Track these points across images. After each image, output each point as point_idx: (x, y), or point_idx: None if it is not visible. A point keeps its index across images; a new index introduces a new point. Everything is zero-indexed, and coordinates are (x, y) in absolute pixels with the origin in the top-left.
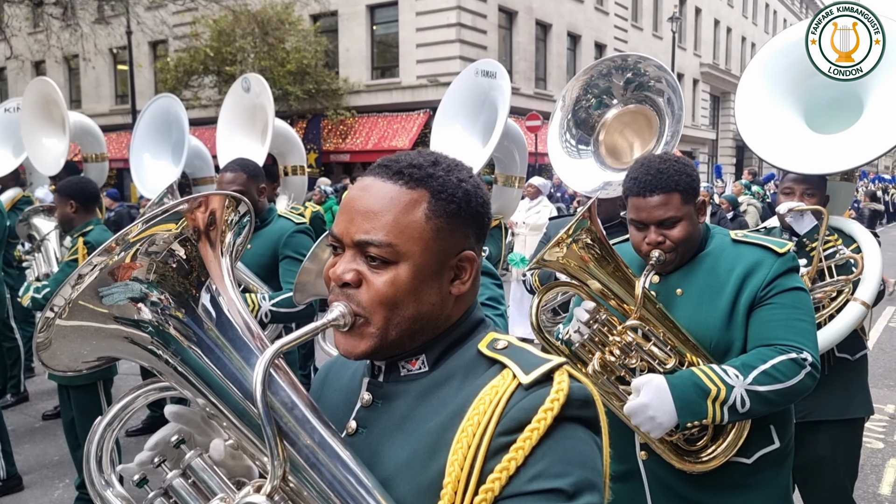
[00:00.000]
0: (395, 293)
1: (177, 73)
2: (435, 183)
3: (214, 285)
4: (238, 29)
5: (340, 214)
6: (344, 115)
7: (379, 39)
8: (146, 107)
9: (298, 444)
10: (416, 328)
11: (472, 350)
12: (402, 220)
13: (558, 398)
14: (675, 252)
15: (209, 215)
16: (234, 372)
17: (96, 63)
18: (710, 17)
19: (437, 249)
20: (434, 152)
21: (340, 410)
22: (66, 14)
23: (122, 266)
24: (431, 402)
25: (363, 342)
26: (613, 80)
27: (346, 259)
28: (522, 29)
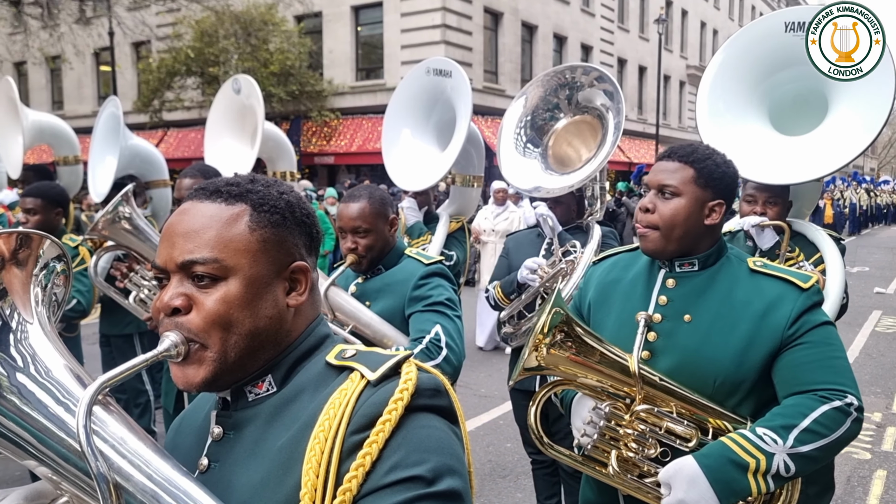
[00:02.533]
0: (228, 310)
1: (159, 74)
2: (255, 196)
3: (21, 324)
4: (221, 30)
5: (162, 244)
6: (328, 117)
7: (363, 41)
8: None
9: (133, 483)
10: (256, 345)
11: (321, 363)
12: (224, 234)
13: (407, 388)
14: (656, 232)
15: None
16: (53, 417)
17: (78, 64)
18: (697, 19)
19: (267, 260)
20: (253, 174)
21: (193, 451)
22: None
23: None
24: (282, 420)
25: (201, 369)
26: (559, 97)
27: (173, 285)
28: (508, 30)
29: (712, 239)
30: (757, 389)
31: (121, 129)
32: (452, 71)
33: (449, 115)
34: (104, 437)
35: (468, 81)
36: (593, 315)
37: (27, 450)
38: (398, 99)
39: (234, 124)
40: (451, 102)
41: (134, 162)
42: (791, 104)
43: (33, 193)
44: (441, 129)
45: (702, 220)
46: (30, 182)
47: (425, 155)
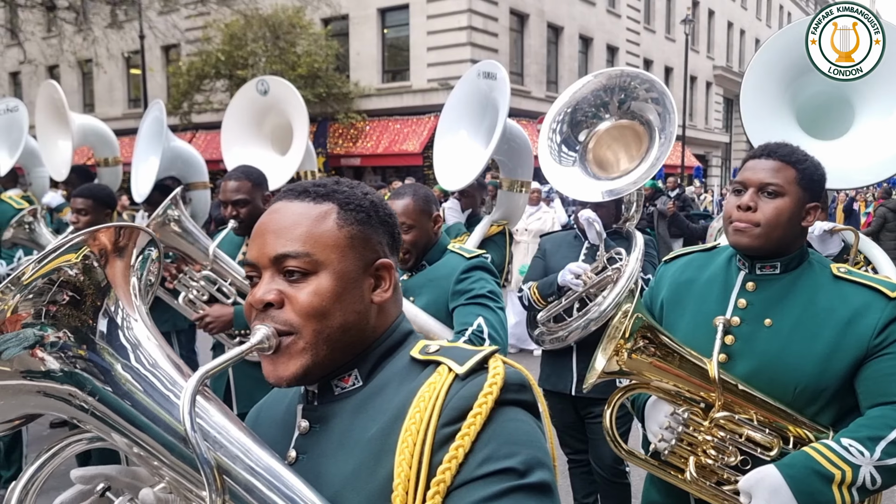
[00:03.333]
0: (321, 302)
1: (189, 77)
2: (341, 196)
3: (125, 318)
4: (249, 33)
5: (252, 242)
6: (354, 119)
7: (390, 43)
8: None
9: (234, 472)
10: (346, 339)
11: (405, 358)
12: (314, 229)
13: (496, 382)
14: (757, 229)
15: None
16: (157, 407)
17: (109, 67)
18: (724, 19)
19: (354, 256)
20: (336, 177)
21: (279, 445)
22: (79, 19)
23: (11, 316)
24: (369, 412)
25: (293, 363)
26: (612, 98)
27: (265, 281)
28: (534, 32)
29: (801, 242)
30: (838, 398)
31: (164, 132)
32: (497, 73)
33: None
34: (207, 425)
35: (508, 82)
36: (666, 315)
37: (133, 438)
38: (452, 103)
39: (251, 126)
40: (495, 103)
41: (175, 164)
42: (817, 108)
43: (84, 194)
44: (491, 131)
45: (799, 221)
46: (73, 183)
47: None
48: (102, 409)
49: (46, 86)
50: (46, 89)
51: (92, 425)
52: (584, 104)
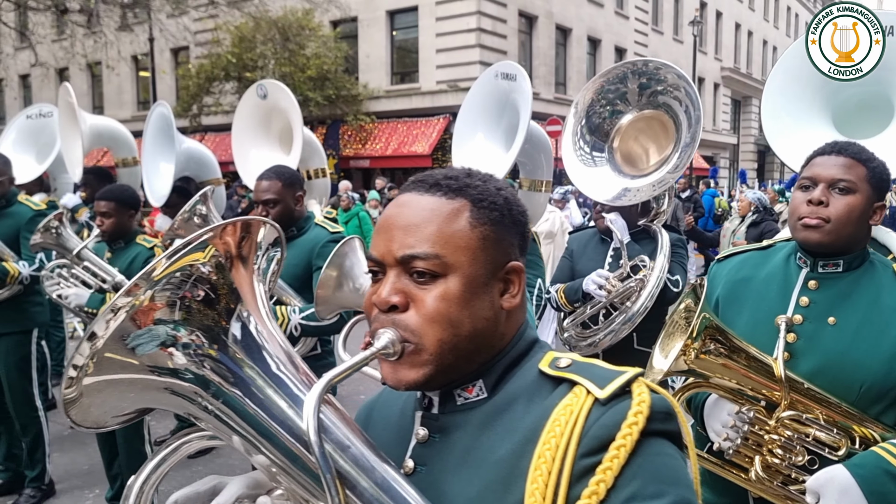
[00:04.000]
0: (448, 308)
1: (198, 79)
2: (474, 192)
3: (250, 316)
4: (259, 35)
5: (377, 235)
6: (364, 121)
7: (399, 45)
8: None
9: (359, 488)
10: (473, 348)
11: (533, 371)
12: (446, 229)
13: (641, 411)
14: (827, 225)
15: (237, 241)
16: (280, 412)
17: (118, 70)
18: (731, 20)
19: (486, 259)
20: (466, 167)
21: (393, 449)
22: (91, 21)
23: (146, 306)
24: (496, 429)
25: (415, 370)
26: (629, 85)
27: (390, 281)
28: (542, 33)
29: (866, 241)
30: None
31: (175, 135)
32: (517, 74)
33: (516, 118)
34: (330, 434)
35: (529, 84)
36: (722, 313)
37: (254, 442)
38: (469, 104)
39: (259, 130)
40: (515, 105)
41: (189, 165)
42: (855, 108)
43: (107, 196)
44: (509, 132)
45: (867, 219)
46: (91, 185)
47: (492, 158)
48: (226, 412)
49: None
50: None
51: (212, 425)
52: (595, 105)
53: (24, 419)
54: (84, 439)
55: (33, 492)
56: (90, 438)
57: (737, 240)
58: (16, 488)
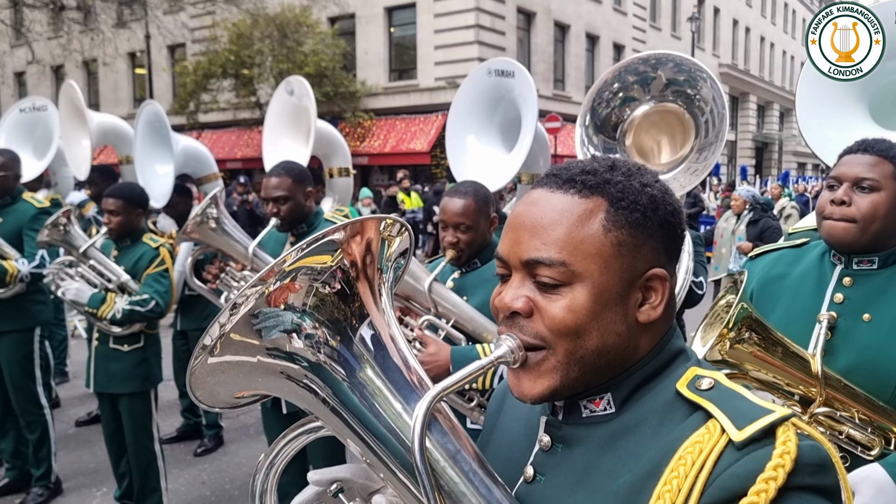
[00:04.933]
0: (575, 320)
1: (196, 76)
2: (613, 189)
3: (374, 318)
4: (256, 32)
5: (506, 234)
6: (362, 118)
7: (397, 42)
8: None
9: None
10: (602, 363)
11: (670, 390)
12: (575, 233)
13: (783, 463)
14: (852, 224)
15: (366, 245)
16: (394, 416)
17: (115, 67)
18: (729, 16)
19: (621, 267)
20: (611, 157)
21: (518, 448)
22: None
23: (276, 295)
24: (619, 451)
25: (541, 381)
26: (659, 73)
27: (514, 284)
28: (541, 30)
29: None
30: None
31: (171, 135)
32: (515, 71)
33: (512, 114)
34: (440, 446)
35: (532, 81)
36: (755, 309)
37: (365, 444)
38: (461, 101)
39: (290, 125)
40: (514, 102)
41: (188, 163)
42: (893, 97)
43: (114, 195)
44: (505, 129)
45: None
46: (96, 182)
47: (492, 157)
48: (341, 409)
49: (66, 86)
50: (66, 90)
51: (329, 421)
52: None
53: (28, 417)
54: (89, 437)
55: (41, 490)
56: (96, 437)
57: (739, 241)
58: (23, 487)
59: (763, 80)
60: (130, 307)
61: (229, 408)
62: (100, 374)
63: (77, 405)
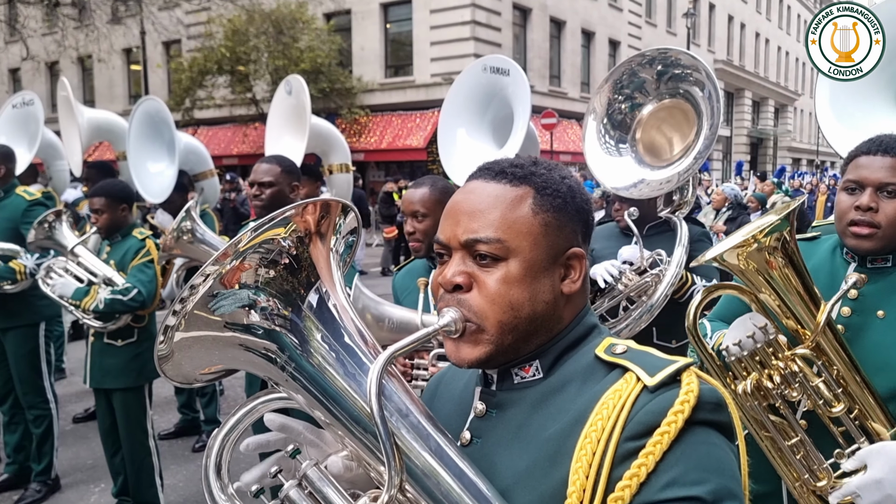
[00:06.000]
0: (509, 290)
1: (191, 73)
2: (538, 179)
3: (325, 288)
4: (252, 28)
5: (445, 220)
6: (358, 114)
7: (392, 38)
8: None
9: (414, 453)
10: (531, 329)
11: (589, 355)
12: (509, 215)
13: (688, 399)
14: (878, 231)
15: (316, 220)
16: (348, 379)
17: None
18: (724, 12)
19: (547, 244)
20: (532, 156)
21: (453, 421)
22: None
23: (231, 273)
24: (548, 408)
25: (477, 348)
26: (644, 75)
27: (455, 262)
28: (537, 26)
29: None
30: None
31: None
32: (510, 69)
33: (504, 111)
34: (391, 403)
35: (526, 79)
36: None
37: (322, 404)
38: (454, 96)
39: (292, 123)
40: (507, 100)
41: (189, 159)
42: None
43: (98, 193)
44: (496, 126)
45: None
46: (92, 179)
47: (482, 153)
48: (299, 375)
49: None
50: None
51: (289, 387)
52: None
53: (36, 411)
54: (87, 434)
55: (39, 486)
56: (93, 433)
57: None
58: (21, 483)
59: (758, 76)
60: (112, 297)
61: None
62: (95, 370)
63: (74, 402)
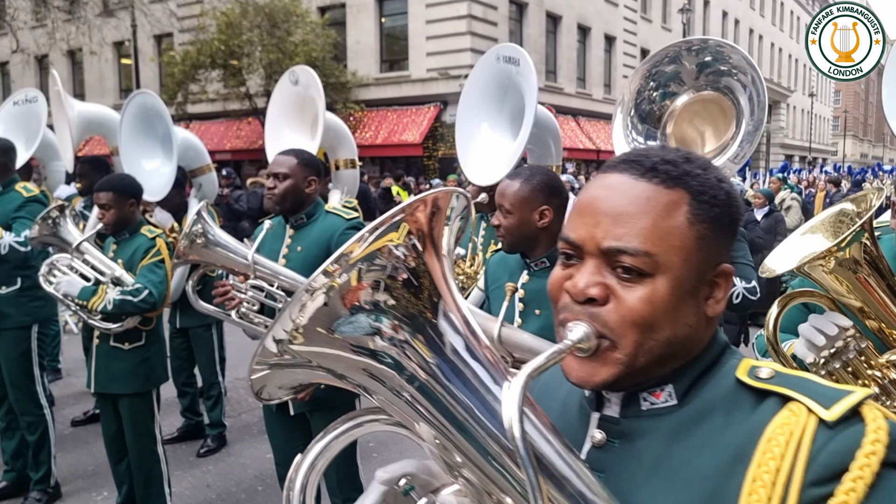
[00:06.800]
0: (653, 312)
1: (184, 66)
2: (694, 182)
3: (446, 300)
4: (245, 21)
5: (580, 217)
6: (353, 109)
7: (388, 32)
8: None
9: (558, 485)
10: (669, 354)
11: (728, 379)
12: (661, 224)
13: (879, 439)
14: None
15: (429, 219)
16: (477, 403)
17: (101, 56)
18: (719, 8)
19: (699, 261)
20: (681, 148)
21: None
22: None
23: (349, 290)
24: (690, 441)
25: (605, 369)
26: (684, 64)
27: (589, 270)
28: (533, 21)
29: None
30: None
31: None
32: (520, 59)
33: (521, 103)
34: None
35: (534, 68)
36: None
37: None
38: (471, 89)
39: (294, 116)
40: (520, 90)
41: (188, 154)
42: None
43: (104, 188)
44: (514, 116)
45: None
46: (86, 175)
47: (499, 147)
48: (419, 398)
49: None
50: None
51: (399, 410)
52: (643, 91)
53: (28, 417)
54: (87, 438)
55: (39, 495)
56: (93, 438)
57: None
58: (20, 491)
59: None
60: (122, 297)
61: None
62: (100, 374)
63: (72, 404)
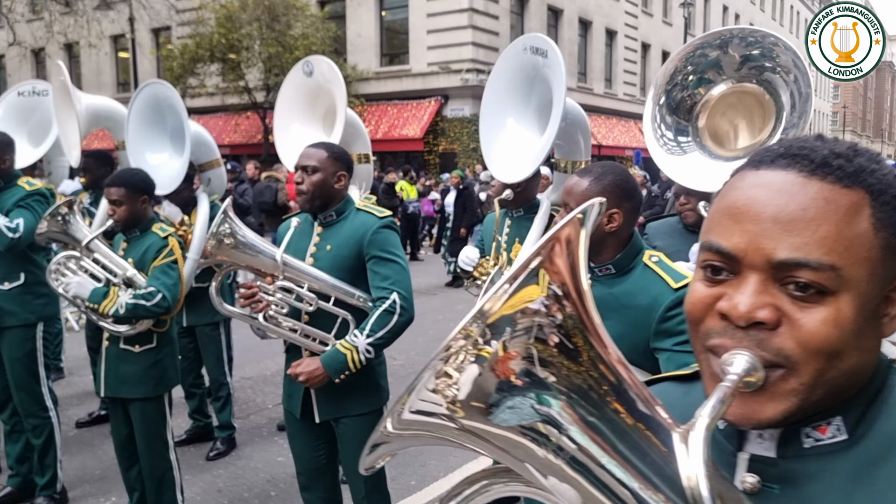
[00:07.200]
0: (840, 337)
1: (182, 60)
2: (871, 179)
3: (604, 350)
4: (245, 15)
5: (735, 223)
6: (353, 104)
7: (388, 25)
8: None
9: None
10: (849, 384)
11: None
12: (846, 232)
13: None
14: None
15: (568, 255)
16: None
17: (98, 50)
18: (719, 3)
19: (884, 274)
20: (847, 142)
21: None
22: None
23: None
24: (876, 486)
25: (773, 405)
26: (730, 52)
27: (754, 287)
28: (534, 14)
29: None
30: None
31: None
32: (548, 50)
33: (548, 96)
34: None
35: (562, 60)
36: None
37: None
38: (496, 81)
39: (305, 108)
40: (547, 82)
41: (200, 148)
42: None
43: (116, 183)
44: (541, 110)
45: None
46: (91, 170)
47: (526, 142)
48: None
49: (56, 69)
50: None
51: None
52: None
53: (33, 420)
54: (92, 440)
55: (45, 500)
56: (99, 440)
57: None
58: (25, 496)
59: None
60: (134, 301)
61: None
62: (111, 378)
63: (76, 404)
